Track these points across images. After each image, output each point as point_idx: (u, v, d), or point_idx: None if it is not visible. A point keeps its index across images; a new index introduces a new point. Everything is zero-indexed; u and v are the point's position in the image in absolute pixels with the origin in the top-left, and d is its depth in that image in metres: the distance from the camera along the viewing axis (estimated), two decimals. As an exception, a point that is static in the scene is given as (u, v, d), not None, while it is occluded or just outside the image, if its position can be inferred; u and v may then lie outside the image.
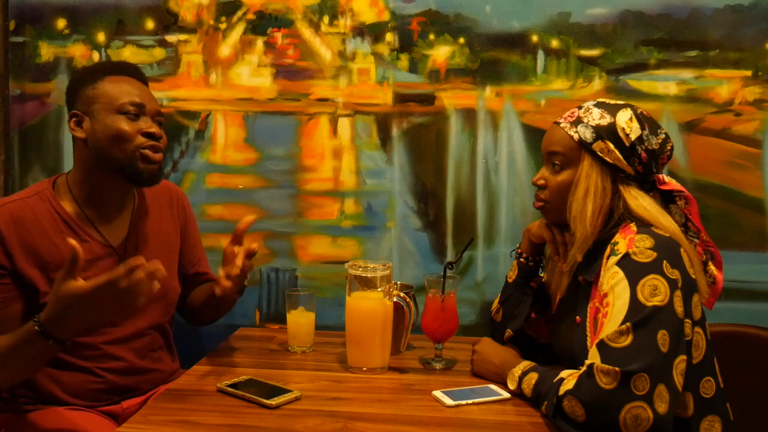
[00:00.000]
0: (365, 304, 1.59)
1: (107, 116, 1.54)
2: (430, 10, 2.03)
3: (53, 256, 1.51)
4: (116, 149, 1.53)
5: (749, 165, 1.96)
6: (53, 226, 1.53)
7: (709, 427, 1.33)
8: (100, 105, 1.55)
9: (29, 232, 1.50)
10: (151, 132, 1.56)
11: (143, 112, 1.57)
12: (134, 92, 1.57)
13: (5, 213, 1.50)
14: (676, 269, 1.28)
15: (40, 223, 1.52)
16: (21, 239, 1.49)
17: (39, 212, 1.53)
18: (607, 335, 1.23)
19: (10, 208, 1.51)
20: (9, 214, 1.50)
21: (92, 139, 1.55)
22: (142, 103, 1.57)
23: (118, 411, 1.59)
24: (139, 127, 1.55)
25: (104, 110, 1.54)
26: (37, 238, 1.50)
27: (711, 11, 1.95)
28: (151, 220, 1.69)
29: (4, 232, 1.47)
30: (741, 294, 1.95)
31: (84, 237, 1.55)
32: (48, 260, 1.50)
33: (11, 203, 1.53)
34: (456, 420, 1.35)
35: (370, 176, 2.08)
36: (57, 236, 1.53)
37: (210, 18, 2.10)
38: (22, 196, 1.56)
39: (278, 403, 1.38)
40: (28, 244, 1.49)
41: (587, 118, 1.42)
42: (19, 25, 2.14)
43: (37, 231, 1.51)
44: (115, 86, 1.57)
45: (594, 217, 1.38)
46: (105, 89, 1.56)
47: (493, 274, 2.03)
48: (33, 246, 1.50)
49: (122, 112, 1.54)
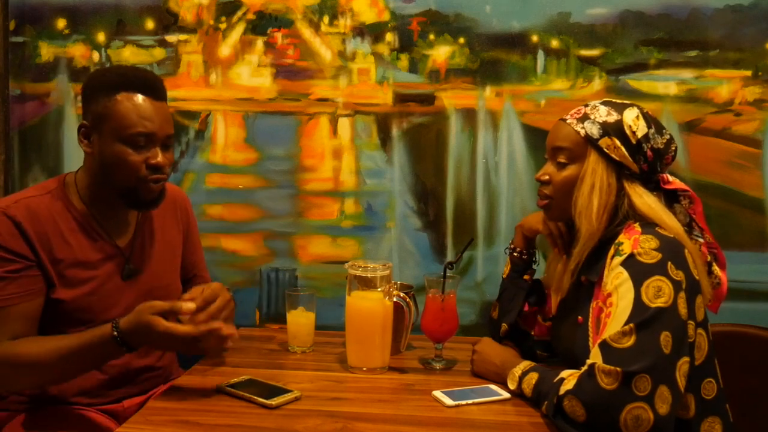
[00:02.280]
0: (365, 304, 1.59)
1: (114, 142, 1.49)
2: (430, 10, 2.03)
3: (65, 253, 1.52)
4: (118, 175, 1.51)
5: (749, 165, 1.96)
6: (66, 224, 1.54)
7: (709, 428, 1.33)
8: (110, 127, 1.49)
9: (44, 228, 1.50)
10: (155, 164, 1.51)
11: (152, 141, 1.50)
12: (146, 119, 1.49)
13: (23, 207, 1.49)
14: (680, 270, 1.28)
15: (54, 220, 1.52)
16: (38, 234, 1.49)
17: (53, 210, 1.53)
18: (610, 335, 1.23)
19: (26, 203, 1.51)
20: (26, 208, 1.50)
21: (98, 156, 1.52)
22: (153, 132, 1.50)
23: (119, 410, 1.59)
24: (146, 156, 1.50)
25: (112, 134, 1.49)
26: (51, 234, 1.51)
27: (711, 11, 1.95)
28: (156, 222, 1.70)
29: (25, 225, 1.47)
30: (741, 294, 1.95)
31: (94, 236, 1.56)
32: (60, 257, 1.51)
33: (27, 199, 1.52)
34: (456, 420, 1.35)
35: (370, 176, 2.08)
36: (69, 234, 1.53)
37: (210, 18, 2.10)
38: (35, 193, 1.56)
39: (278, 403, 1.38)
40: (43, 240, 1.50)
41: (594, 114, 1.42)
42: (19, 25, 2.14)
43: (51, 227, 1.51)
44: (129, 109, 1.49)
45: (599, 213, 1.38)
46: (118, 110, 1.48)
47: (493, 274, 2.03)
48: (48, 241, 1.50)
49: (129, 142, 1.48)
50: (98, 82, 1.55)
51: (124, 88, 1.50)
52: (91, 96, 1.53)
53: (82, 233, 1.55)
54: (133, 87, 1.51)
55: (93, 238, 1.56)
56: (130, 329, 1.37)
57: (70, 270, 1.52)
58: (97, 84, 1.54)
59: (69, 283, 1.51)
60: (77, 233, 1.54)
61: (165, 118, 1.54)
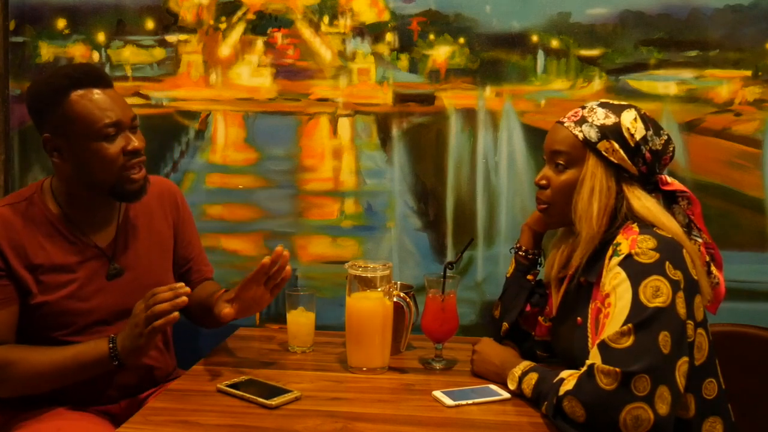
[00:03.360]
0: (365, 304, 1.59)
1: (87, 143, 1.48)
2: (430, 10, 2.03)
3: (42, 259, 1.52)
4: (99, 173, 1.51)
5: (749, 165, 1.96)
6: (43, 229, 1.54)
7: (710, 428, 1.33)
8: (76, 130, 1.48)
9: (19, 236, 1.51)
10: (133, 149, 1.52)
11: (121, 128, 1.51)
12: (108, 110, 1.49)
13: None
14: (678, 270, 1.28)
15: (30, 227, 1.53)
16: (11, 242, 1.50)
17: (28, 216, 1.54)
18: (609, 336, 1.23)
19: (1, 213, 1.52)
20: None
21: (74, 162, 1.51)
22: (119, 119, 1.50)
23: (117, 411, 1.60)
24: (121, 146, 1.50)
25: (82, 135, 1.48)
26: (27, 242, 1.52)
27: (711, 11, 1.95)
28: (141, 218, 1.68)
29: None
30: (741, 294, 1.95)
31: (71, 239, 1.56)
32: (37, 263, 1.52)
33: (2, 207, 1.54)
34: (456, 420, 1.35)
35: (370, 176, 2.08)
36: (46, 239, 1.54)
37: (210, 18, 2.10)
38: (11, 201, 1.57)
39: (278, 403, 1.38)
40: (18, 247, 1.50)
41: (592, 117, 1.42)
42: (19, 25, 2.14)
43: (26, 235, 1.52)
44: (87, 106, 1.48)
45: (599, 216, 1.38)
46: (77, 111, 1.47)
47: (493, 274, 2.03)
48: (23, 249, 1.51)
49: (102, 136, 1.48)
50: (44, 91, 1.52)
51: (73, 88, 1.49)
52: (42, 108, 1.51)
53: (59, 237, 1.55)
54: (81, 84, 1.50)
55: (71, 241, 1.56)
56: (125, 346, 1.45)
57: (47, 275, 1.52)
58: (44, 93, 1.51)
59: (47, 288, 1.52)
60: (54, 237, 1.54)
61: (122, 103, 1.55)
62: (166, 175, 2.09)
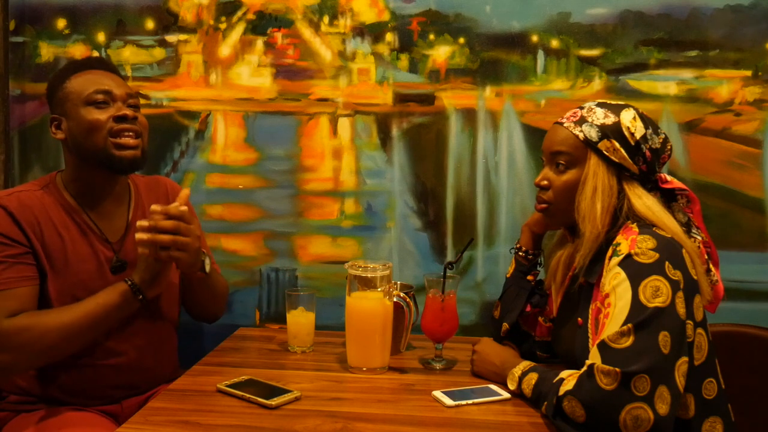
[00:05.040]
0: (365, 304, 1.59)
1: (79, 110, 1.56)
2: (430, 10, 2.03)
3: (56, 246, 1.55)
4: (90, 140, 1.55)
5: (749, 165, 1.96)
6: (58, 217, 1.57)
7: (710, 428, 1.33)
8: (71, 102, 1.57)
9: (36, 219, 1.54)
10: (121, 114, 1.56)
11: (113, 98, 1.58)
12: (100, 81, 1.58)
13: (14, 200, 1.54)
14: (678, 270, 1.28)
15: (46, 213, 1.56)
16: (30, 224, 1.53)
17: (45, 203, 1.57)
18: (608, 336, 1.23)
19: (19, 196, 1.56)
20: (18, 200, 1.54)
21: (71, 138, 1.58)
22: (109, 89, 1.58)
23: (118, 411, 1.60)
24: (110, 113, 1.56)
25: (75, 106, 1.56)
26: (44, 225, 1.54)
27: (711, 11, 1.95)
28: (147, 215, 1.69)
29: (17, 215, 1.52)
30: (741, 294, 1.95)
31: (85, 230, 1.59)
32: (51, 249, 1.54)
33: (20, 192, 1.57)
34: (456, 420, 1.35)
35: (370, 176, 2.08)
36: (61, 227, 1.57)
37: (210, 18, 2.10)
38: (28, 188, 1.60)
39: (278, 403, 1.38)
40: (36, 230, 1.53)
41: (591, 117, 1.42)
42: (19, 25, 2.14)
43: (43, 219, 1.55)
44: (81, 80, 1.58)
45: (603, 216, 1.38)
46: (72, 86, 1.58)
47: (493, 274, 2.03)
48: (40, 232, 1.54)
49: (91, 102, 1.56)
50: (52, 80, 1.64)
51: (75, 70, 1.61)
52: (51, 92, 1.63)
53: (73, 226, 1.58)
54: (83, 66, 1.63)
55: (84, 232, 1.59)
56: (144, 279, 1.52)
57: (60, 261, 1.54)
58: (52, 82, 1.63)
59: (59, 274, 1.54)
60: (69, 226, 1.57)
61: (120, 81, 1.63)
62: (167, 175, 2.09)
